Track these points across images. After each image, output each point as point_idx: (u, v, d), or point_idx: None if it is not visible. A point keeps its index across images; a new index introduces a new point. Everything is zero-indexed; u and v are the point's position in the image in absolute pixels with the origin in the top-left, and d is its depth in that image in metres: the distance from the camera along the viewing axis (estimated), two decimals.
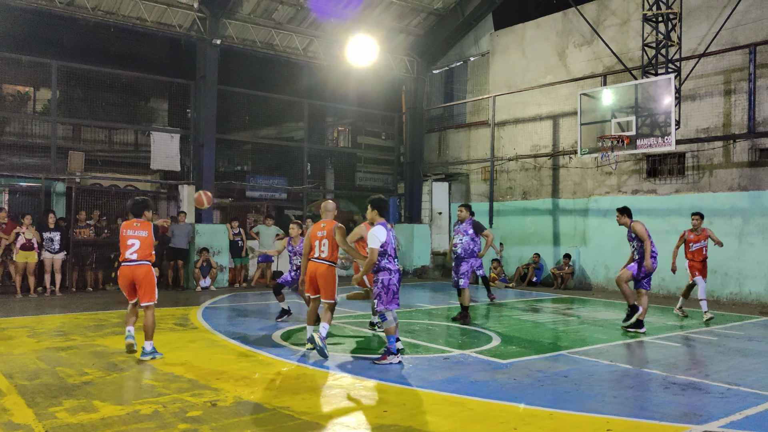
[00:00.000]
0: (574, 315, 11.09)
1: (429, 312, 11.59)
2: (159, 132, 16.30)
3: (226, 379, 6.19)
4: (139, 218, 7.27)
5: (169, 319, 10.03)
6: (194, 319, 10.13)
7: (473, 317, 10.99)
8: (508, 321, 10.44)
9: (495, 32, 18.47)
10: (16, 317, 10.14)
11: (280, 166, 20.66)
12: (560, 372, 6.67)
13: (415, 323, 10.08)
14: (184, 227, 14.80)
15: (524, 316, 11.00)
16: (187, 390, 5.78)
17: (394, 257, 7.06)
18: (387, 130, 23.69)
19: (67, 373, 6.35)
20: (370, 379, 6.25)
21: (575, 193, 16.19)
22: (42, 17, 14.57)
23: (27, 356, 7.09)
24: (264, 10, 16.15)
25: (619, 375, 6.56)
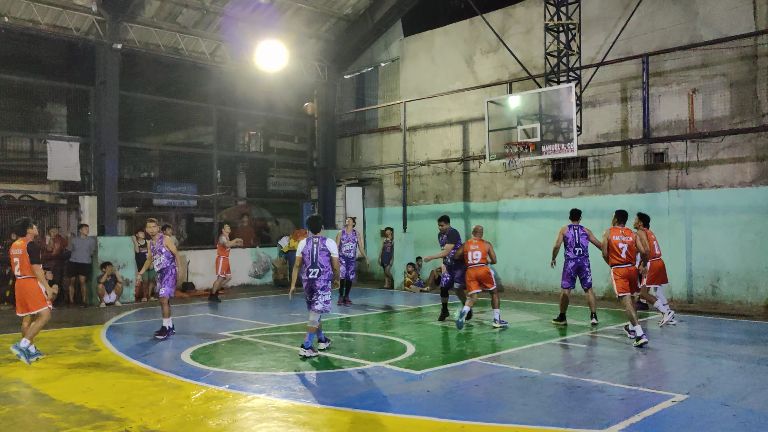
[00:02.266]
0: (487, 319, 11.36)
1: (343, 321, 11.55)
2: (57, 141, 15.40)
3: (132, 407, 5.92)
4: (23, 237, 8.08)
5: (69, 342, 9.49)
6: (97, 340, 9.64)
7: (388, 325, 11.07)
8: (422, 328, 10.57)
9: (404, 38, 18.68)
10: None
11: (189, 173, 20.00)
12: (472, 381, 6.81)
13: (329, 334, 10.01)
14: (85, 241, 14.07)
15: (437, 322, 11.16)
16: (88, 422, 5.48)
17: (308, 266, 8.23)
18: (299, 134, 23.46)
19: None
20: (282, 399, 6.14)
21: (485, 197, 16.61)
22: None
23: None
24: (168, 13, 15.61)
25: (528, 381, 6.77)
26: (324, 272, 8.12)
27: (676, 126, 13.10)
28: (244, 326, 10.81)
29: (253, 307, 13.82)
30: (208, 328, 10.60)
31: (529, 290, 15.40)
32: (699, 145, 12.77)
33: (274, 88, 18.57)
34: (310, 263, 8.13)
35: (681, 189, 12.99)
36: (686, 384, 6.50)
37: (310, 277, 8.12)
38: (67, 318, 12.11)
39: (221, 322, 11.43)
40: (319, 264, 8.10)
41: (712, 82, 12.65)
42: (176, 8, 15.57)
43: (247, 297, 15.45)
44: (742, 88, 12.32)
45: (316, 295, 8.13)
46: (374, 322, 11.57)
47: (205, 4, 15.67)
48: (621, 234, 9.01)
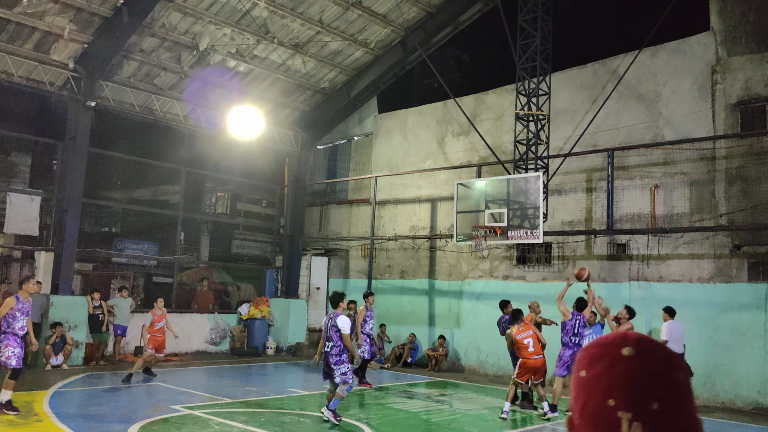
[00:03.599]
0: (447, 402, 11.16)
1: (301, 399, 11.21)
2: (17, 193, 15.05)
3: None
4: None
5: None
6: (39, 408, 9.13)
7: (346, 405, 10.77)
8: (383, 410, 10.30)
9: (379, 115, 19.08)
10: None
11: (151, 231, 19.66)
12: None
13: (286, 413, 9.68)
14: (37, 299, 13.52)
15: (398, 404, 10.91)
16: None
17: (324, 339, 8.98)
18: (268, 199, 23.41)
19: None
20: None
21: (451, 275, 16.65)
22: None
23: None
24: (145, 74, 15.70)
25: None
26: (335, 347, 8.69)
27: (639, 219, 13.47)
28: (196, 399, 10.39)
29: (207, 378, 13.34)
30: (159, 400, 10.16)
31: (490, 372, 15.26)
32: (660, 239, 13.11)
33: (247, 152, 18.62)
34: (325, 337, 8.88)
35: (642, 281, 13.23)
36: None
37: (325, 350, 8.86)
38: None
39: (172, 393, 10.97)
40: (331, 338, 8.72)
41: (673, 179, 13.13)
42: (154, 70, 15.69)
43: (202, 365, 14.94)
44: (701, 188, 12.80)
45: (330, 368, 8.72)
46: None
47: (184, 68, 15.83)
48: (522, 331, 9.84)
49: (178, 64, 15.71)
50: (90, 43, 14.15)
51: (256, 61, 16.55)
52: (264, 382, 12.14)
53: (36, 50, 13.89)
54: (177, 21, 14.64)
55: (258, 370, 15.05)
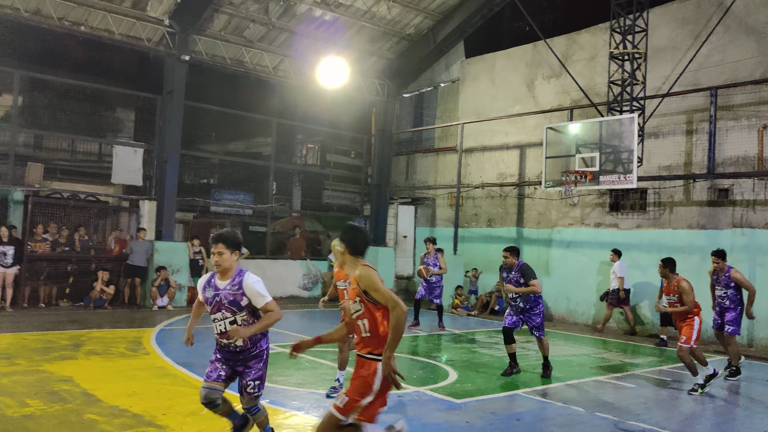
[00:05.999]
0: (533, 349, 11.09)
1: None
2: (122, 146, 16.00)
3: (173, 414, 6.03)
4: None
5: (120, 343, 9.76)
6: (147, 344, 9.88)
7: (432, 348, 10.96)
8: (467, 354, 10.41)
9: (466, 60, 18.66)
10: None
11: (246, 182, 20.44)
12: (513, 414, 6.65)
13: None
14: (143, 244, 14.51)
15: (483, 349, 10.99)
16: (130, 427, 5.61)
17: None
18: (356, 149, 23.67)
19: (6, 403, 6.10)
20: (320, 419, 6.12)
21: (539, 223, 16.33)
22: (7, 25, 14.23)
23: None
24: (235, 27, 16.05)
25: (571, 419, 6.56)
26: None
27: (743, 162, 12.60)
28: (288, 339, 10.88)
29: (299, 320, 13.93)
30: None
31: (579, 322, 15.01)
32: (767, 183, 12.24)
33: (334, 103, 18.82)
34: None
35: (746, 227, 12.45)
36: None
37: None
38: (120, 319, 12.49)
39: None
40: None
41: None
42: (243, 23, 16.00)
43: (295, 309, 15.59)
44: None
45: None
46: (418, 344, 11.48)
47: (272, 19, 16.04)
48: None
49: (266, 15, 15.93)
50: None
51: (342, 9, 16.52)
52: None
53: (134, 8, 14.49)
54: None
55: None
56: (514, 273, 8.69)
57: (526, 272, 8.59)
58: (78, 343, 9.56)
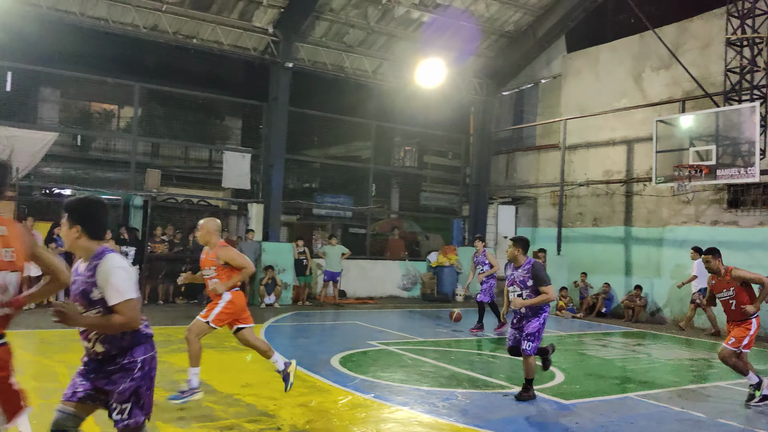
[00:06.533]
0: (645, 352, 10.61)
1: (491, 342, 11.35)
2: (231, 151, 16.78)
3: (284, 405, 6.23)
4: None
5: (232, 338, 10.16)
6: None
7: None
8: (574, 356, 10.09)
9: (568, 54, 18.12)
10: None
11: (346, 185, 20.91)
12: (626, 417, 6.37)
13: (475, 354, 9.90)
14: (251, 245, 15.14)
15: (591, 350, 10.62)
16: (244, 416, 5.86)
17: None
18: (453, 150, 23.59)
19: None
20: (425, 414, 6.14)
21: (649, 222, 15.58)
22: (128, 41, 15.33)
23: None
24: (335, 33, 16.44)
25: (690, 425, 6.20)
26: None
27: None
28: (390, 337, 11.00)
29: (400, 319, 14.03)
30: (357, 336, 10.91)
31: (696, 326, 14.16)
32: None
33: (432, 104, 18.85)
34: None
35: None
36: None
37: None
38: None
39: (369, 331, 11.72)
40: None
41: None
42: (343, 28, 16.36)
43: (394, 309, 15.73)
44: None
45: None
46: None
47: (371, 24, 16.30)
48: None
49: (365, 20, 16.21)
50: (286, 7, 15.12)
51: (439, 10, 16.52)
52: (454, 325, 12.47)
53: (240, 18, 15.18)
54: None
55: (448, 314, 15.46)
56: (521, 271, 6.94)
57: (538, 274, 6.84)
58: None
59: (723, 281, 7.15)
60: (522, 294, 6.96)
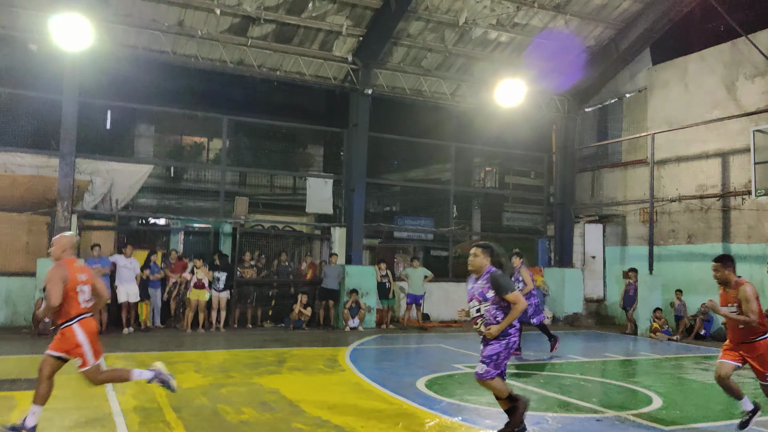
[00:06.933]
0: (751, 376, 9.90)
1: (581, 365, 10.96)
2: (314, 177, 17.21)
3: (371, 428, 6.23)
4: None
5: (318, 360, 10.37)
6: (342, 361, 10.38)
7: (630, 373, 10.26)
8: (671, 380, 9.58)
9: (653, 67, 17.52)
10: (186, 351, 11.03)
11: (427, 208, 20.96)
12: None
13: (565, 377, 9.58)
14: (335, 268, 15.37)
15: (690, 375, 10.04)
16: None
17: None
18: (536, 169, 23.20)
19: (226, 410, 6.74)
20: None
21: (750, 238, 14.68)
22: (216, 76, 16.11)
23: (193, 391, 7.63)
24: (413, 58, 16.63)
25: None
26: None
27: None
28: (476, 360, 10.80)
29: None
30: (442, 359, 10.81)
31: None
32: None
33: (512, 123, 18.65)
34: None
35: None
36: None
37: None
38: (317, 338, 13.29)
39: (454, 354, 11.59)
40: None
41: None
42: (421, 53, 16.53)
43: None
44: None
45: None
46: (614, 368, 10.80)
47: (448, 47, 16.38)
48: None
49: (442, 43, 16.32)
50: (364, 36, 15.46)
51: (517, 29, 16.41)
52: (541, 348, 12.12)
53: (321, 49, 15.63)
54: (439, 1, 15.21)
55: (535, 337, 15.03)
56: (481, 282, 5.93)
57: (498, 281, 5.78)
58: (281, 359, 10.32)
59: (730, 295, 6.39)
60: (480, 309, 5.87)
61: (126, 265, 13.19)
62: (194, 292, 13.66)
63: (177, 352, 10.90)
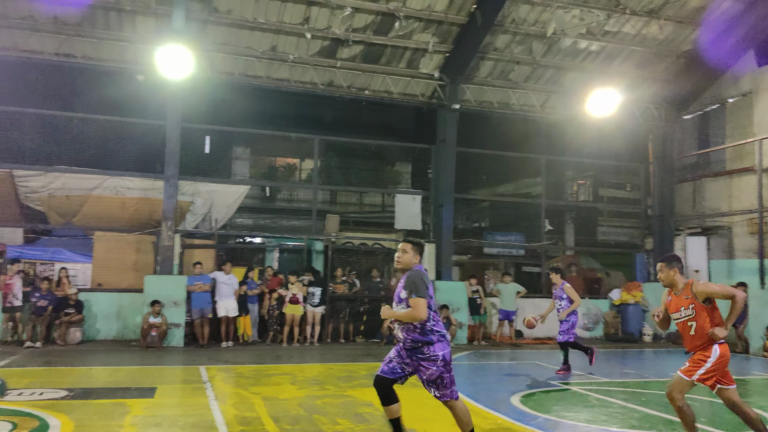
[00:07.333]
0: None
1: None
2: (402, 194, 17.36)
3: None
4: None
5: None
6: None
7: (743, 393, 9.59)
8: None
9: (759, 69, 16.53)
10: (282, 364, 11.36)
11: (517, 223, 20.56)
12: None
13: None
14: None
15: None
16: None
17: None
18: (631, 181, 22.31)
19: (321, 421, 6.87)
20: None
21: None
22: (307, 98, 16.68)
23: (289, 402, 7.85)
24: (500, 71, 16.52)
25: None
26: None
27: None
28: (573, 377, 10.49)
29: (582, 360, 13.31)
30: (537, 376, 10.55)
31: None
32: None
33: (605, 134, 18.08)
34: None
35: None
36: None
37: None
38: None
39: (549, 371, 11.28)
40: None
41: None
42: (508, 66, 16.40)
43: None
44: None
45: None
46: None
47: (536, 58, 16.17)
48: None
49: (530, 55, 16.13)
50: (451, 52, 15.53)
51: (608, 37, 15.98)
52: (642, 366, 11.62)
53: (408, 67, 15.84)
54: (526, 13, 15.08)
55: (635, 355, 14.46)
56: (403, 281, 5.44)
57: (412, 282, 5.29)
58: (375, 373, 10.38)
59: (680, 298, 5.73)
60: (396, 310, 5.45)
61: (225, 281, 13.77)
62: (289, 307, 14.07)
63: (274, 365, 11.24)
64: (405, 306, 5.26)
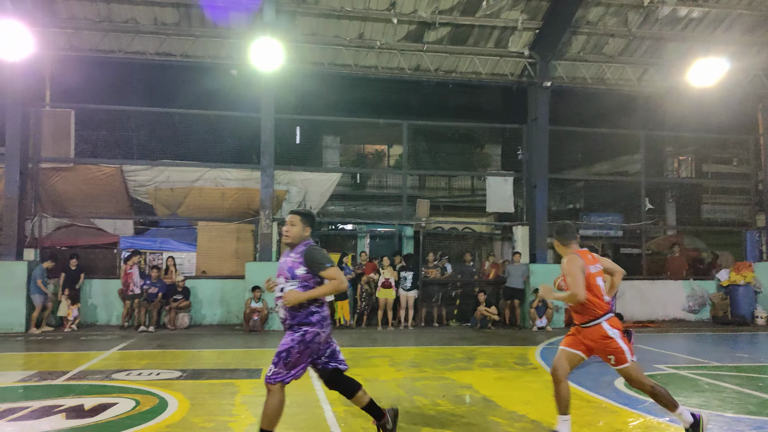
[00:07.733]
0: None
1: None
2: (493, 176, 17.11)
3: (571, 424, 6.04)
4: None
5: (508, 358, 10.28)
6: (533, 359, 10.19)
7: None
8: None
9: None
10: (378, 347, 11.54)
11: (614, 203, 19.80)
12: None
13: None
14: (519, 267, 15.12)
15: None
16: (530, 431, 5.82)
17: None
18: (738, 155, 20.95)
19: (422, 402, 6.94)
20: None
21: None
22: (394, 84, 16.71)
23: (389, 383, 7.97)
24: (594, 46, 15.89)
25: None
26: None
27: None
28: (680, 361, 10.06)
29: (689, 343, 12.75)
30: (641, 360, 10.07)
31: None
32: None
33: (708, 106, 17.04)
34: None
35: None
36: None
37: None
38: (504, 337, 13.18)
39: (654, 354, 10.84)
40: None
41: None
42: (602, 39, 15.74)
43: (681, 332, 14.34)
44: None
45: None
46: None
47: (632, 30, 15.43)
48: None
49: (625, 26, 15.41)
50: (540, 28, 15.09)
51: (711, 2, 15.00)
52: (757, 350, 10.94)
53: (496, 46, 15.53)
54: None
55: (747, 338, 13.62)
56: (293, 256, 4.91)
57: (314, 256, 4.83)
58: (471, 356, 10.39)
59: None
60: (285, 288, 4.85)
61: None
62: (382, 292, 14.26)
63: (371, 347, 11.44)
64: (300, 283, 4.83)
